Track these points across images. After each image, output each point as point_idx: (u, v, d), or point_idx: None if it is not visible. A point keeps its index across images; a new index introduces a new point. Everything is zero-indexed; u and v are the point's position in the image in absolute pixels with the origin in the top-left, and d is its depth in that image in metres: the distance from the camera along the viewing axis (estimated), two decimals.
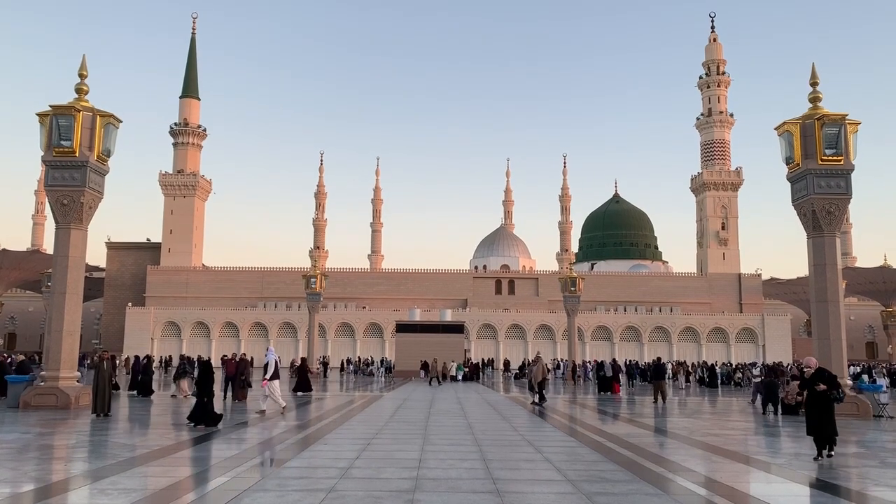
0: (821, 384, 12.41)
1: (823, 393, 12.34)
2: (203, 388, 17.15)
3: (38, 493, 8.95)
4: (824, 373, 12.74)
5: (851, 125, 22.77)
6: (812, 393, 12.49)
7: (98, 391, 19.44)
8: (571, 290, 52.99)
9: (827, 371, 13.04)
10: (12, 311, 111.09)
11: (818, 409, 12.32)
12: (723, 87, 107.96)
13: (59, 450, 13.25)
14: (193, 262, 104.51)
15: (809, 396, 12.53)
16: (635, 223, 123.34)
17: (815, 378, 12.60)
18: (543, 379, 26.85)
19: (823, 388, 12.34)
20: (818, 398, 12.36)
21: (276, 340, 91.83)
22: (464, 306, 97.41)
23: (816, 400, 12.38)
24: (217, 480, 9.71)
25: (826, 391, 12.35)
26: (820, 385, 12.39)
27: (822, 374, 12.68)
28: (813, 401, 12.45)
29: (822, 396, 12.35)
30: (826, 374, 12.66)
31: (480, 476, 10.36)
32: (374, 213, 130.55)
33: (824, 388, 12.34)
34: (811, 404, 12.48)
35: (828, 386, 12.39)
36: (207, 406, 16.88)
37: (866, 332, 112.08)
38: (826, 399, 12.33)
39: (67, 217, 22.22)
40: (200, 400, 17.00)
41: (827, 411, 12.30)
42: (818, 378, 12.55)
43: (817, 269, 22.91)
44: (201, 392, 17.11)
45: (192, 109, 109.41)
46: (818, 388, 12.37)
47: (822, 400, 12.34)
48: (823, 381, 12.46)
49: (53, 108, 22.35)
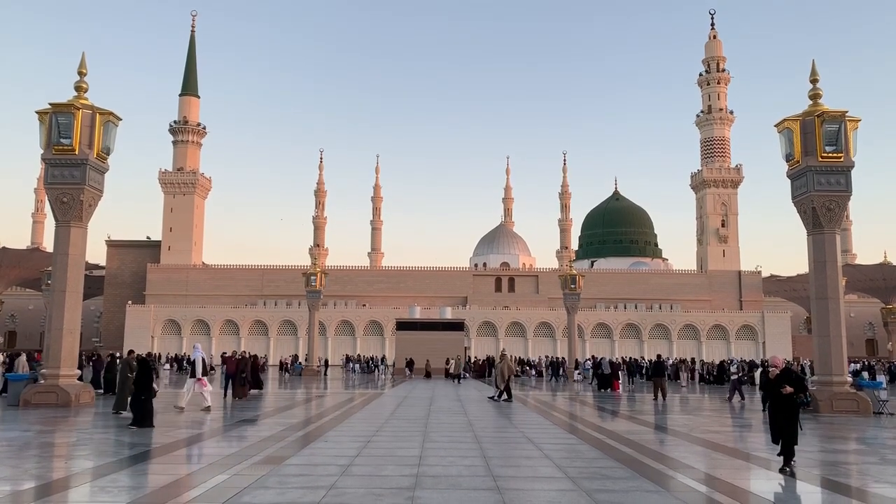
0: (787, 386, 11.19)
1: (790, 396, 11.16)
2: (140, 386, 16.22)
3: (38, 491, 8.95)
4: (791, 374, 11.58)
5: (851, 122, 22.76)
6: (777, 396, 11.33)
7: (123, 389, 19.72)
8: (571, 288, 52.97)
9: (794, 372, 11.97)
10: (12, 309, 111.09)
11: (784, 414, 11.14)
12: (723, 84, 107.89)
13: (60, 447, 13.25)
14: (193, 260, 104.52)
15: (774, 400, 11.43)
16: (635, 220, 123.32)
17: (780, 379, 11.40)
18: (509, 376, 26.93)
19: (790, 391, 11.13)
20: (784, 402, 11.20)
21: (277, 338, 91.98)
22: (464, 304, 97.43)
23: (782, 404, 11.22)
24: (218, 478, 9.71)
25: (792, 394, 11.15)
26: (786, 388, 11.17)
27: (788, 375, 11.51)
28: (778, 405, 11.32)
29: (787, 400, 11.17)
30: (793, 376, 11.52)
31: (481, 473, 10.37)
32: (373, 210, 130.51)
33: (791, 391, 11.13)
34: (776, 408, 11.36)
35: (794, 388, 11.20)
36: (146, 405, 16.02)
37: (866, 329, 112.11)
38: (792, 403, 11.16)
39: (67, 215, 22.21)
40: (137, 399, 16.12)
41: (792, 416, 11.12)
42: (784, 379, 11.35)
43: (817, 266, 22.91)
44: (138, 391, 16.19)
45: (192, 107, 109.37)
46: (784, 391, 11.17)
47: (787, 404, 11.17)
48: (790, 382, 11.27)
49: (53, 105, 22.33)
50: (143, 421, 15.81)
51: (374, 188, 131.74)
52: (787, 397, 11.09)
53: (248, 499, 8.38)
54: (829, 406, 21.60)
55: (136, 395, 16.17)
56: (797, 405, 11.22)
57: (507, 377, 26.72)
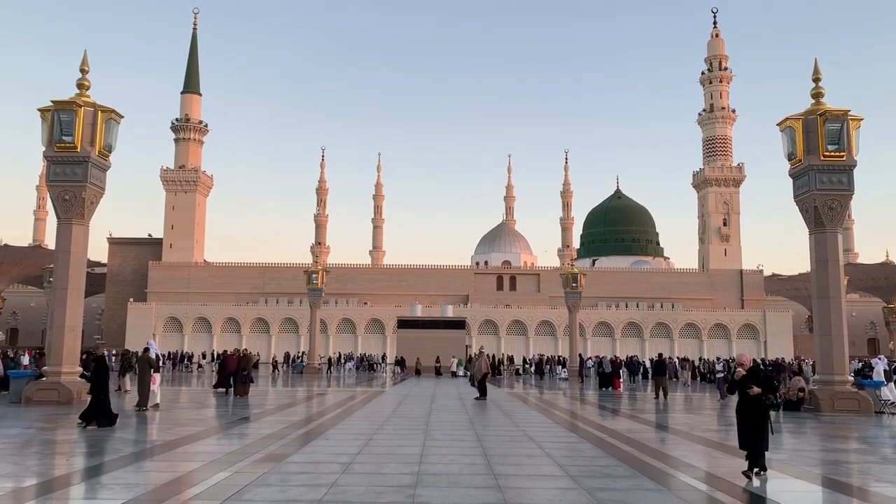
0: (753, 387, 10.28)
1: (758, 398, 10.30)
2: (97, 385, 15.77)
3: (39, 488, 8.97)
4: (758, 373, 10.64)
5: (854, 121, 22.72)
6: (744, 398, 10.42)
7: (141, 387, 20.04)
8: (573, 287, 52.95)
9: (762, 370, 10.99)
10: (14, 307, 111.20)
11: (752, 417, 10.25)
12: (725, 82, 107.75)
13: (61, 445, 13.27)
14: (195, 257, 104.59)
15: (741, 402, 10.50)
16: (637, 219, 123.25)
17: (747, 380, 10.46)
18: (485, 374, 26.80)
19: (758, 392, 10.26)
20: (752, 404, 10.31)
21: (278, 336, 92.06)
22: (465, 302, 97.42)
23: (750, 405, 10.32)
24: (219, 475, 9.72)
25: (760, 395, 10.30)
26: (753, 388, 10.28)
27: (755, 374, 10.56)
28: (745, 407, 10.39)
29: (755, 402, 10.32)
30: (761, 375, 10.61)
31: (482, 471, 10.37)
32: (375, 208, 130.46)
33: (758, 392, 10.26)
34: (743, 411, 10.43)
35: (763, 389, 10.32)
36: (102, 404, 15.60)
37: (868, 329, 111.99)
38: (760, 405, 10.31)
39: (69, 212, 22.22)
40: (96, 397, 15.66)
41: (761, 419, 10.25)
42: (751, 379, 10.42)
43: (819, 266, 22.88)
44: (95, 389, 15.74)
45: (194, 105, 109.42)
46: (751, 392, 10.28)
47: (755, 406, 10.30)
48: (758, 382, 10.34)
49: (55, 103, 22.33)
50: (101, 420, 15.38)
51: (376, 186, 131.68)
52: (756, 399, 10.28)
53: (250, 496, 8.39)
54: (831, 405, 21.57)
55: (95, 395, 15.67)
56: (766, 407, 10.43)
57: (483, 374, 26.59)
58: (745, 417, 10.37)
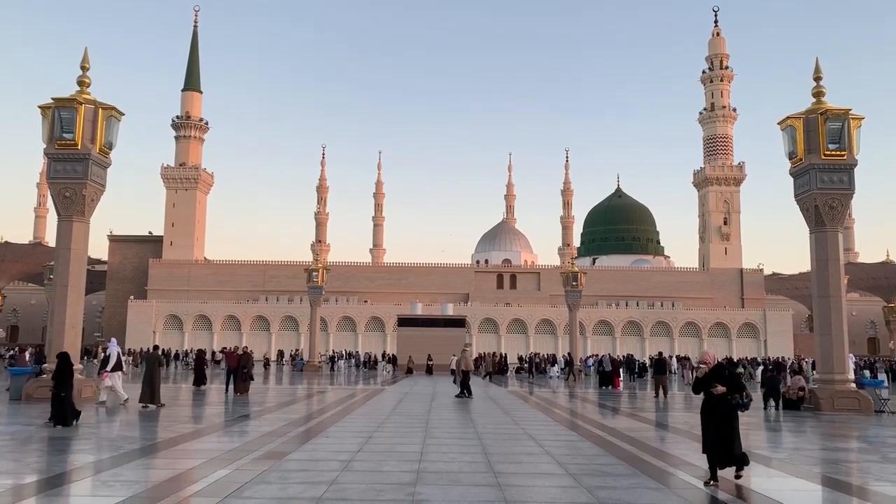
0: (718, 386, 9.49)
1: (723, 398, 9.49)
2: (60, 383, 15.29)
3: (40, 485, 8.97)
4: (723, 371, 9.78)
5: (855, 120, 22.69)
6: (709, 398, 9.65)
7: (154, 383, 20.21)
8: (573, 285, 52.93)
9: (728, 368, 10.10)
10: (14, 304, 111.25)
11: (717, 420, 9.47)
12: (726, 81, 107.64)
13: (62, 442, 13.27)
14: (195, 255, 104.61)
15: (705, 402, 9.71)
16: (637, 218, 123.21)
17: (711, 377, 9.69)
18: (467, 371, 26.68)
19: (722, 391, 9.46)
20: (716, 404, 9.53)
21: (278, 334, 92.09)
22: (465, 300, 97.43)
23: (714, 406, 9.55)
24: (219, 472, 9.73)
25: (726, 395, 9.47)
26: (717, 387, 9.48)
27: (720, 372, 9.74)
28: (710, 408, 9.62)
29: (720, 402, 9.51)
30: (727, 373, 9.77)
31: (482, 469, 10.37)
32: (375, 207, 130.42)
33: (723, 391, 9.46)
34: (707, 412, 9.64)
35: (729, 388, 9.49)
36: (65, 402, 15.12)
37: (868, 328, 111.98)
38: (726, 405, 9.49)
39: (69, 210, 22.21)
40: (57, 396, 15.17)
41: (727, 421, 9.46)
42: (715, 377, 9.64)
43: (819, 265, 22.88)
44: (58, 388, 15.25)
45: (194, 102, 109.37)
46: (715, 391, 9.49)
47: (720, 406, 9.50)
48: (722, 381, 9.55)
49: (55, 100, 22.31)
50: (65, 419, 14.98)
51: (376, 184, 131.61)
52: (721, 399, 9.47)
53: (250, 494, 8.40)
54: (831, 404, 21.60)
55: (56, 393, 15.23)
56: (733, 408, 9.53)
57: (466, 373, 26.48)
58: (709, 419, 9.58)
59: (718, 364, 9.94)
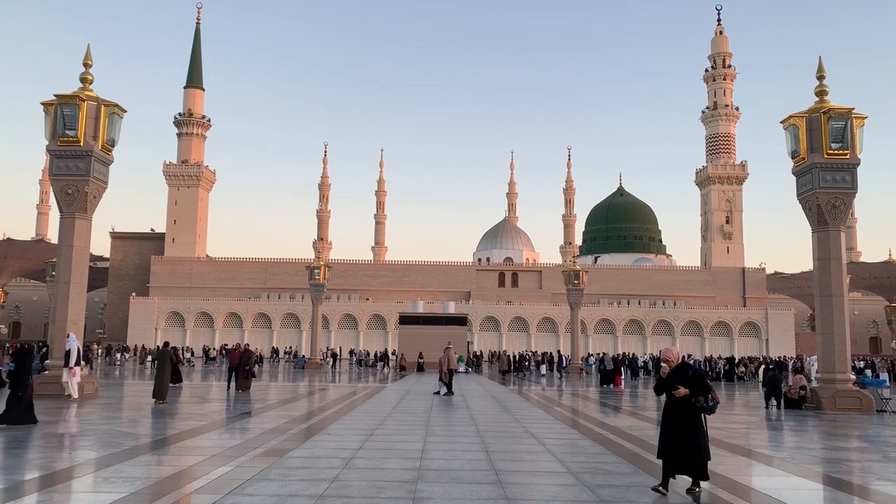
0: (680, 388, 8.61)
1: (686, 400, 8.61)
2: (16, 381, 14.74)
3: (41, 482, 8.99)
4: (687, 370, 8.82)
5: (858, 119, 22.66)
6: (671, 400, 8.78)
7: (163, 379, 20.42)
8: (575, 284, 52.98)
9: (692, 367, 8.98)
10: (17, 300, 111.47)
11: (679, 423, 8.60)
12: (728, 80, 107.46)
13: (63, 438, 13.30)
14: (197, 252, 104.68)
15: (667, 404, 8.86)
16: (639, 216, 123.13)
17: (673, 377, 8.79)
18: (450, 370, 26.64)
19: (684, 394, 8.57)
20: (680, 407, 8.65)
21: (280, 331, 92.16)
22: (467, 299, 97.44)
23: (677, 410, 8.68)
24: (220, 469, 9.74)
25: (689, 397, 8.59)
26: (679, 389, 8.60)
27: (682, 372, 8.77)
28: (672, 410, 8.75)
29: (683, 405, 8.62)
30: (690, 373, 8.78)
31: (483, 467, 10.37)
32: (377, 204, 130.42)
33: (685, 394, 8.57)
34: (668, 415, 8.80)
35: (692, 390, 8.59)
36: (22, 401, 14.45)
37: (870, 327, 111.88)
38: (690, 408, 8.60)
39: (72, 206, 22.24)
40: (14, 395, 14.54)
41: (691, 425, 8.56)
42: (678, 377, 8.73)
43: (822, 264, 22.86)
44: (14, 386, 14.69)
45: (197, 100, 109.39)
46: (677, 394, 8.62)
47: (683, 409, 8.61)
48: (686, 382, 8.65)
49: (58, 97, 22.34)
50: (22, 418, 14.38)
51: (378, 182, 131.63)
52: (685, 402, 8.61)
53: (252, 490, 8.41)
54: (832, 403, 21.59)
55: (13, 391, 14.67)
56: (697, 411, 8.61)
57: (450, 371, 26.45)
58: (669, 423, 8.72)
59: (682, 363, 8.96)
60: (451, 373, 26.67)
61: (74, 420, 16.14)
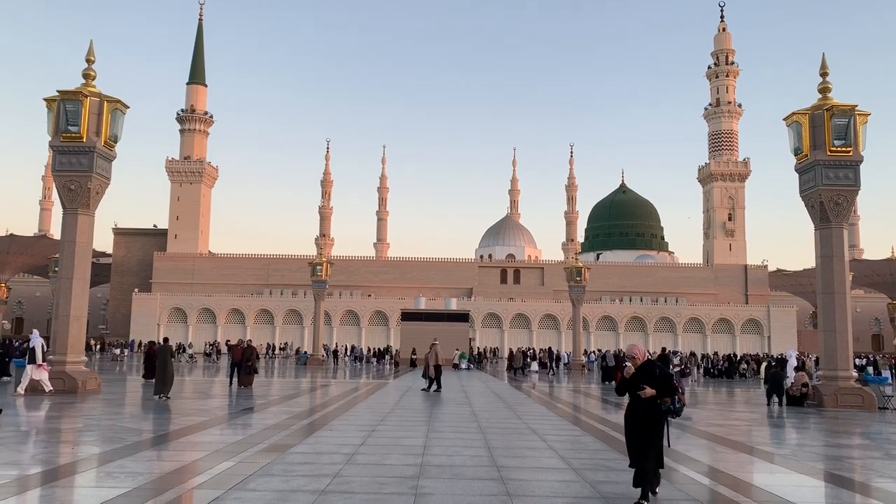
0: (646, 388, 7.86)
1: (652, 402, 7.89)
2: None
3: (45, 476, 9.02)
4: (653, 369, 8.04)
5: (861, 116, 22.61)
6: (636, 401, 8.01)
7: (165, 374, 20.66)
8: (577, 280, 52.98)
9: (658, 366, 8.19)
10: (20, 296, 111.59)
11: (645, 426, 7.90)
12: (731, 77, 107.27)
13: (67, 433, 13.34)
14: (200, 248, 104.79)
15: (631, 405, 8.09)
16: (642, 213, 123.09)
17: (638, 377, 8.03)
18: (437, 366, 26.50)
19: (650, 395, 7.85)
20: (645, 409, 7.91)
21: (282, 327, 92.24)
22: (469, 295, 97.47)
23: (642, 411, 7.93)
24: (223, 465, 9.77)
25: (654, 399, 7.88)
26: (645, 389, 7.86)
27: (648, 371, 8.01)
28: (637, 412, 7.99)
29: (649, 407, 7.90)
30: (657, 372, 8.01)
31: (484, 463, 10.39)
32: (379, 201, 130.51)
33: (651, 395, 7.85)
34: (634, 417, 8.02)
35: (659, 391, 7.87)
36: None
37: (872, 325, 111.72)
38: (655, 410, 7.89)
39: (74, 202, 22.27)
40: None
41: (655, 430, 7.91)
42: (643, 377, 7.98)
43: (824, 261, 22.83)
44: None
45: (199, 96, 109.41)
46: (642, 395, 7.88)
47: (648, 411, 7.89)
48: (652, 382, 7.91)
49: (61, 93, 22.34)
50: None
51: (381, 178, 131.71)
52: (649, 404, 7.90)
53: (254, 486, 8.43)
54: (834, 401, 21.59)
55: None
56: (662, 413, 7.94)
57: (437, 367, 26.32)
58: (637, 427, 7.97)
59: (648, 361, 8.19)
60: (438, 369, 26.46)
61: (77, 415, 16.18)
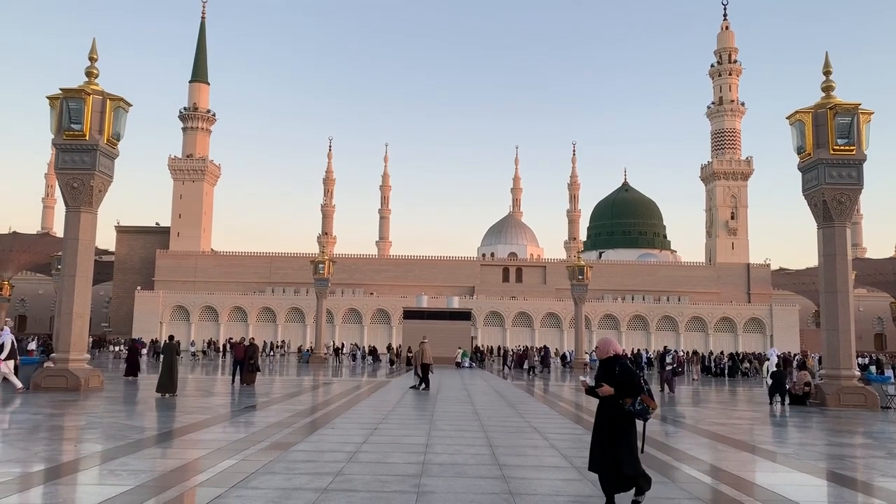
0: (605, 386, 7.20)
1: (612, 401, 7.21)
2: None
3: (47, 473, 9.03)
4: (614, 366, 7.34)
5: (864, 115, 22.57)
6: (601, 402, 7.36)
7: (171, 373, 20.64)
8: (579, 279, 52.93)
9: (620, 363, 7.38)
10: (23, 294, 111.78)
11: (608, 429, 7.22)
12: (734, 75, 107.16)
13: (69, 431, 13.36)
14: (202, 246, 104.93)
15: (599, 404, 7.39)
16: (644, 212, 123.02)
17: (599, 374, 7.40)
18: (425, 364, 26.41)
19: (608, 393, 7.18)
20: (609, 410, 7.25)
21: (284, 325, 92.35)
22: (471, 293, 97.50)
23: (606, 412, 7.28)
24: (225, 463, 9.78)
25: (616, 399, 7.19)
26: (603, 387, 7.20)
27: (608, 369, 7.34)
28: (604, 412, 7.31)
29: (611, 406, 7.23)
30: (617, 369, 7.30)
31: (487, 462, 10.39)
32: (382, 199, 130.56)
33: (609, 393, 7.18)
34: (600, 417, 7.36)
35: (618, 390, 7.18)
36: None
37: (875, 324, 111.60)
38: (619, 411, 7.20)
39: (77, 200, 22.30)
40: None
41: (624, 433, 7.20)
42: (606, 375, 7.32)
43: (827, 260, 22.80)
44: None
45: (202, 94, 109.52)
46: (600, 392, 7.22)
47: (612, 411, 7.22)
48: (611, 381, 7.23)
49: (64, 91, 22.36)
50: None
51: (383, 177, 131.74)
52: (612, 403, 7.22)
53: (256, 483, 8.44)
54: (837, 400, 21.56)
55: None
56: (629, 415, 7.21)
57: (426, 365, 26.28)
58: (603, 428, 7.29)
59: (611, 357, 7.44)
60: (427, 367, 26.42)
61: (79, 413, 16.21)
